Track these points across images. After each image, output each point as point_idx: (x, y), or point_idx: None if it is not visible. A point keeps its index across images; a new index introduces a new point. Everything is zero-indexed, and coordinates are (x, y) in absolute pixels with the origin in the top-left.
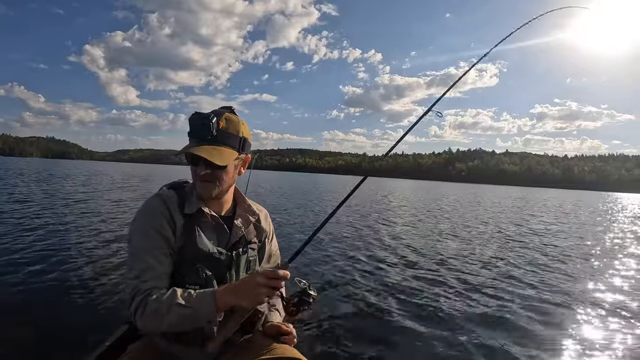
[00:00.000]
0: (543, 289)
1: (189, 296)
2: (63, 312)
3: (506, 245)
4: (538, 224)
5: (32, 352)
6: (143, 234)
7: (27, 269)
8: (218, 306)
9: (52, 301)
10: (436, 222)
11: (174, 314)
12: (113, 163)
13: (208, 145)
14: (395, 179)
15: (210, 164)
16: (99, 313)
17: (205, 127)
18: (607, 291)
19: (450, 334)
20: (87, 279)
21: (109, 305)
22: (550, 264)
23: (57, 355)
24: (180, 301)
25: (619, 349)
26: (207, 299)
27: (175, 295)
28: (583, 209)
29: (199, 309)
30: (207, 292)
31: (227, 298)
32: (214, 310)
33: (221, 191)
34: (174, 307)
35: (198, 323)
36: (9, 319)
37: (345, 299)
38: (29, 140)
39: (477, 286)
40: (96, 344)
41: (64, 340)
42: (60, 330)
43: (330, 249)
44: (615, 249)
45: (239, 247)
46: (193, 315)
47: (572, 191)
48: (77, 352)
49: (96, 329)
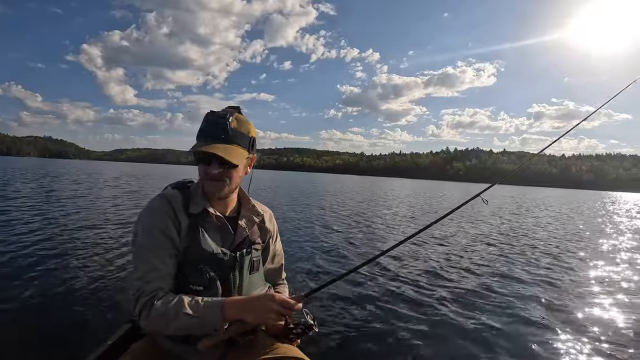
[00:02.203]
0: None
1: (197, 305)
2: (65, 310)
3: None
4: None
5: (35, 351)
6: (147, 234)
7: (27, 268)
8: (225, 318)
9: (54, 300)
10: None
11: (179, 322)
12: (110, 162)
13: (221, 144)
14: (393, 178)
15: (224, 162)
16: (101, 311)
17: (220, 126)
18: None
19: (457, 334)
20: (90, 277)
21: (111, 303)
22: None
23: (59, 354)
24: (188, 310)
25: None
26: (215, 309)
27: (182, 303)
28: (595, 207)
29: (206, 319)
30: (214, 302)
31: (234, 311)
32: (220, 321)
33: (230, 190)
34: (180, 315)
35: (203, 331)
36: (11, 318)
37: (348, 299)
38: (26, 140)
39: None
40: (99, 343)
41: (66, 339)
42: (62, 329)
43: (330, 246)
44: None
45: (243, 248)
46: (199, 324)
47: (571, 190)
48: (79, 351)
49: (99, 328)
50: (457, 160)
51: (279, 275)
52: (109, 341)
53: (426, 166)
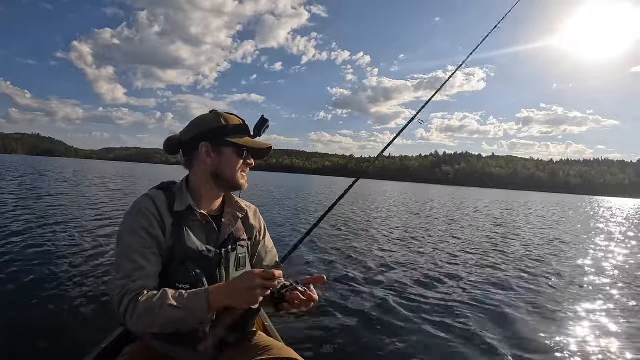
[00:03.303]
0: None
1: (181, 296)
2: (58, 314)
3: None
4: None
5: (28, 357)
6: (132, 233)
7: (19, 271)
8: (211, 306)
9: (47, 304)
10: (428, 223)
11: (165, 315)
12: (98, 161)
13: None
14: (382, 181)
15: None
16: (94, 315)
17: (264, 126)
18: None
19: (453, 334)
20: (82, 280)
21: (104, 307)
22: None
23: (52, 358)
24: (172, 302)
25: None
26: (200, 299)
27: (166, 295)
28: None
29: (191, 309)
30: (199, 291)
31: (220, 298)
32: (206, 310)
33: None
34: (165, 308)
35: (190, 324)
36: (3, 324)
37: (342, 299)
38: (13, 137)
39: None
40: (92, 346)
41: (59, 343)
42: (55, 333)
43: (325, 249)
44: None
45: (228, 245)
46: (185, 316)
47: (559, 195)
48: (72, 355)
49: (92, 331)
50: (446, 163)
51: None
52: (102, 344)
53: (415, 169)
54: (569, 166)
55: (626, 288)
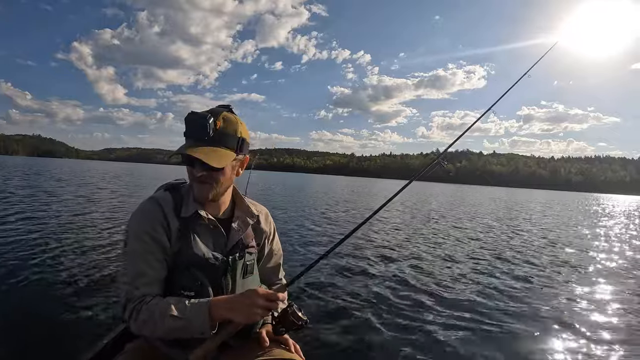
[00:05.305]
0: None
1: (183, 306)
2: (61, 310)
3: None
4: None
5: (30, 351)
6: (137, 238)
7: (22, 268)
8: (212, 318)
9: (49, 300)
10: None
11: (166, 325)
12: (99, 162)
13: (205, 146)
14: (383, 180)
15: (207, 165)
16: (96, 311)
17: (201, 127)
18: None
19: (451, 337)
20: (85, 277)
21: (107, 303)
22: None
23: (55, 354)
24: (174, 312)
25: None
26: (201, 311)
27: (168, 306)
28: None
29: (193, 321)
30: (202, 303)
31: (221, 311)
32: (207, 322)
33: (218, 193)
34: (167, 319)
35: (191, 333)
36: (6, 319)
37: (342, 299)
38: (14, 138)
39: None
40: (94, 342)
41: (62, 338)
42: (57, 329)
43: (331, 255)
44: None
45: (236, 252)
46: (186, 327)
47: (560, 192)
48: (74, 351)
49: (94, 328)
50: (448, 161)
51: (275, 275)
52: (104, 340)
53: (416, 167)
54: (570, 163)
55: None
